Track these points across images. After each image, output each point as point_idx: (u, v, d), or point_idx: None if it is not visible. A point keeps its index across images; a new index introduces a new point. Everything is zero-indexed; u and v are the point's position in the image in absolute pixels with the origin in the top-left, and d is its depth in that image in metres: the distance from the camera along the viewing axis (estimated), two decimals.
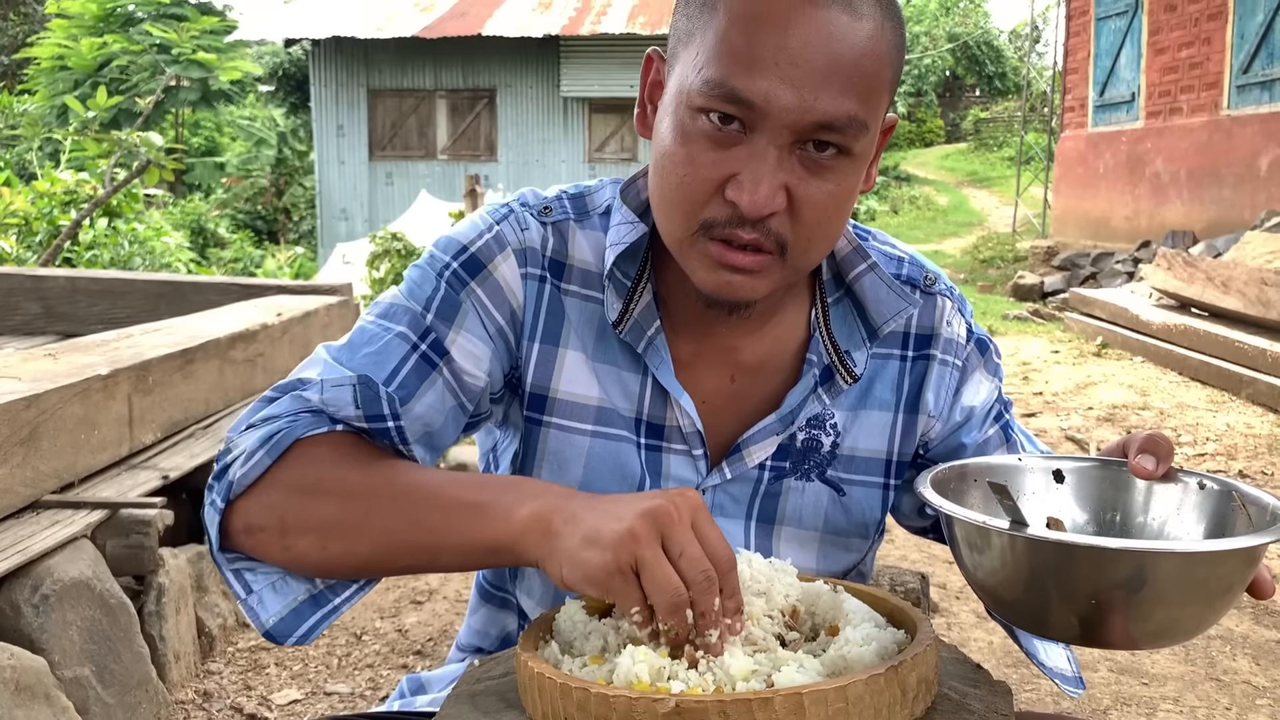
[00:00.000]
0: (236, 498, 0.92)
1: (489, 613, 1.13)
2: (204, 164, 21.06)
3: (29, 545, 2.12)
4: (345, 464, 0.93)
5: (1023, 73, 22.20)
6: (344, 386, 0.96)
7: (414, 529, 0.89)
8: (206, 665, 2.70)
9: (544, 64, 17.83)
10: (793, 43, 0.86)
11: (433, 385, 0.98)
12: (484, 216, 1.04)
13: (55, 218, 7.10)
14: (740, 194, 0.88)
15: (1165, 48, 11.17)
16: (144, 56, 18.14)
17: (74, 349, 2.82)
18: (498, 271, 1.01)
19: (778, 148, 0.88)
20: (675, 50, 0.94)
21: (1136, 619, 0.80)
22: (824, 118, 0.87)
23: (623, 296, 1.00)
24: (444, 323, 0.99)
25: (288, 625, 0.92)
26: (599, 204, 1.05)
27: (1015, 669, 2.71)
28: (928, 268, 1.11)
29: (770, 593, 0.87)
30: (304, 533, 0.91)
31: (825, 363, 1.05)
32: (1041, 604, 0.83)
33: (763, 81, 0.86)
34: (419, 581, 3.30)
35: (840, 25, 0.87)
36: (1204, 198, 10.29)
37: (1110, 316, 8.21)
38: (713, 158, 0.89)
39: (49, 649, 2.06)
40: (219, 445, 2.90)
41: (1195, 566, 0.80)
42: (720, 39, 0.88)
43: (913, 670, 0.76)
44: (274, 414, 0.96)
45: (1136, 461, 0.93)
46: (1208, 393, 6.24)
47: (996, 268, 13.59)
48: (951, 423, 1.11)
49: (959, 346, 1.11)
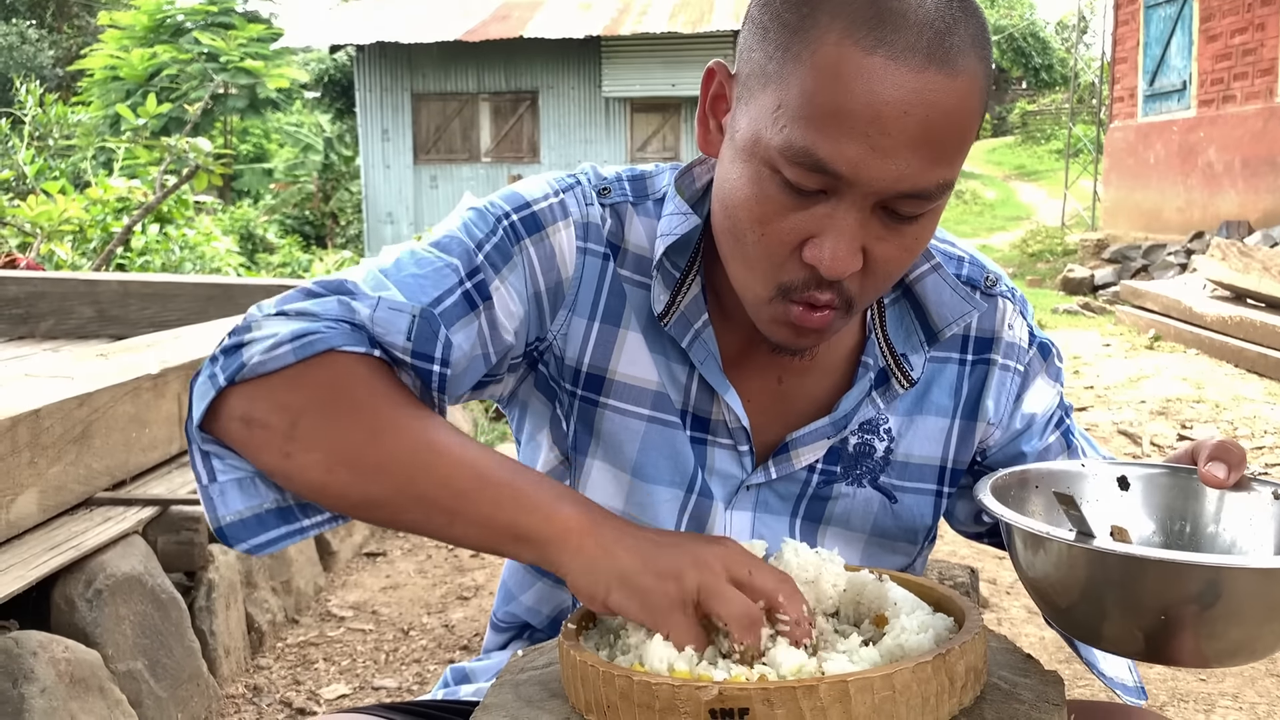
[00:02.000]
0: (244, 382, 0.85)
1: (544, 589, 1.10)
2: (252, 170, 21.37)
3: (82, 541, 2.15)
4: (384, 393, 0.87)
5: (1070, 64, 21.88)
6: (402, 313, 0.90)
7: (439, 486, 0.84)
8: (256, 660, 2.73)
9: (585, 64, 17.88)
10: (886, 110, 0.80)
11: (467, 326, 0.93)
12: (550, 182, 1.01)
13: (108, 224, 7.24)
14: (821, 257, 0.85)
15: (1218, 34, 10.94)
16: (193, 65, 18.46)
17: (125, 349, 2.87)
18: (555, 237, 0.98)
19: (860, 210, 0.84)
20: (749, 82, 0.88)
21: (1208, 636, 0.77)
22: (913, 188, 0.83)
23: (670, 287, 0.98)
24: (492, 267, 0.95)
25: (247, 530, 0.86)
26: (657, 188, 1.03)
27: (1067, 664, 2.67)
28: (989, 268, 1.07)
29: (818, 581, 0.86)
30: (313, 446, 0.84)
31: (880, 365, 1.02)
32: (1106, 617, 0.80)
33: (851, 150, 0.81)
34: (465, 578, 3.32)
35: (937, 89, 0.81)
36: (1259, 186, 10.06)
37: (1163, 309, 8.05)
38: (792, 219, 0.85)
39: (102, 643, 2.09)
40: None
41: (1273, 583, 0.76)
42: (805, 96, 0.82)
43: (961, 659, 0.74)
44: (313, 311, 0.89)
45: (1207, 470, 0.89)
46: (1265, 385, 6.10)
47: (1046, 261, 13.40)
48: (1012, 430, 1.08)
49: (1021, 351, 1.07)
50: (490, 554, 0.90)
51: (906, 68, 0.80)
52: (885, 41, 0.80)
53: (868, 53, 0.80)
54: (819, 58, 0.82)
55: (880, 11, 0.81)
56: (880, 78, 0.80)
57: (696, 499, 1.00)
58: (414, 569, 3.41)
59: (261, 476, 0.87)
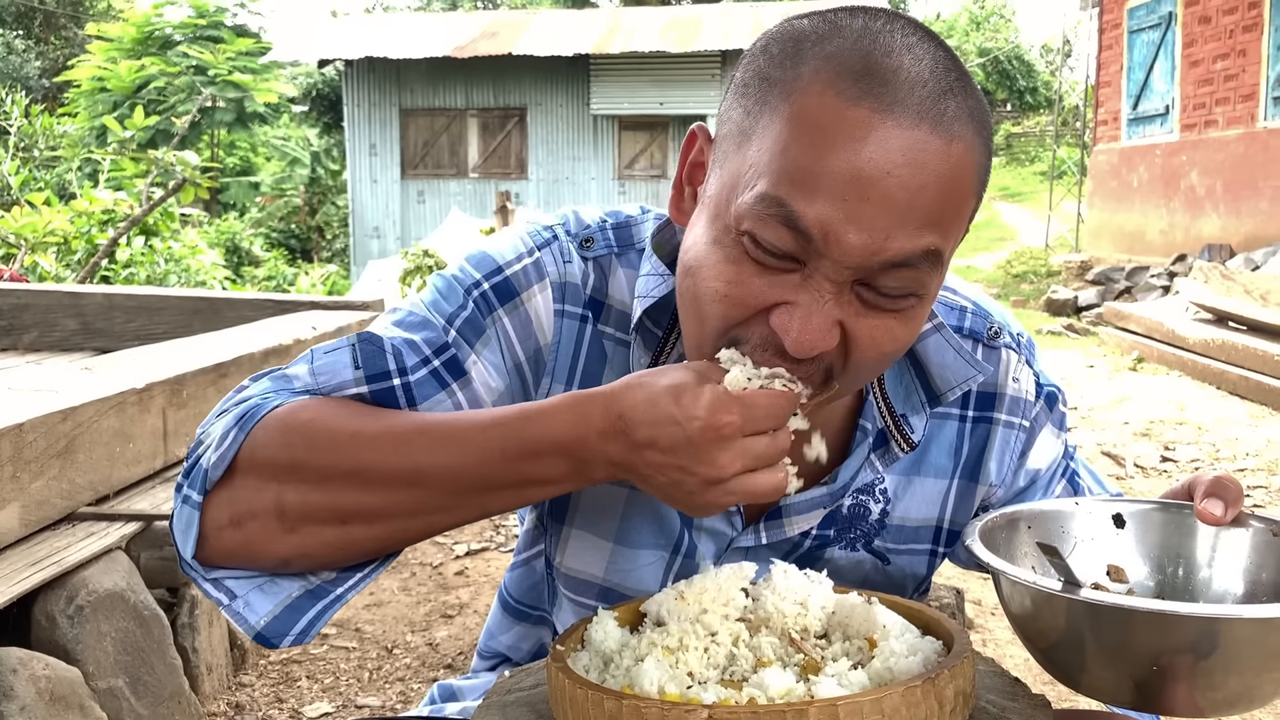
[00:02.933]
0: (214, 487, 0.80)
1: (523, 630, 1.11)
2: (239, 183, 21.34)
3: (64, 556, 2.13)
4: (341, 421, 0.81)
5: (1054, 87, 22.07)
6: (340, 349, 0.86)
7: (463, 457, 0.78)
8: (238, 678, 2.71)
9: (574, 82, 17.94)
10: (868, 168, 0.73)
11: (439, 405, 0.87)
12: (525, 239, 0.94)
13: (93, 236, 7.22)
14: (788, 328, 0.77)
15: (1200, 60, 11.06)
16: (181, 78, 18.45)
17: (110, 363, 2.86)
18: (530, 303, 0.92)
19: (835, 284, 0.77)
20: (724, 144, 0.82)
21: (1204, 687, 0.75)
22: (894, 258, 0.75)
23: (651, 348, 0.93)
24: (466, 343, 0.90)
25: (282, 624, 0.81)
26: (641, 237, 0.96)
27: (1052, 686, 2.67)
28: (992, 318, 1.01)
29: (807, 604, 0.86)
30: (312, 510, 0.80)
31: (879, 427, 0.96)
32: (1096, 666, 0.78)
33: (825, 210, 0.73)
34: (449, 595, 3.31)
35: (928, 151, 0.74)
36: (1240, 210, 10.16)
37: (1146, 330, 8.11)
38: (760, 281, 0.78)
39: (83, 660, 2.07)
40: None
41: (1270, 631, 0.73)
42: (781, 150, 0.75)
43: (950, 682, 0.74)
44: (249, 395, 0.86)
45: (1203, 507, 0.86)
46: (1247, 407, 6.14)
47: (1030, 282, 13.47)
48: (1015, 489, 1.04)
49: (1026, 405, 1.01)
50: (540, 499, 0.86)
51: (894, 123, 0.73)
52: (872, 93, 0.74)
53: (852, 104, 0.74)
54: (798, 108, 0.75)
55: (870, 65, 0.75)
56: (864, 131, 0.73)
57: (682, 560, 0.98)
58: (397, 586, 3.39)
59: (279, 574, 0.83)
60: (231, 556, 0.82)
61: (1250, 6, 10.16)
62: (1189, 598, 0.89)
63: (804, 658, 0.80)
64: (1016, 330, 1.03)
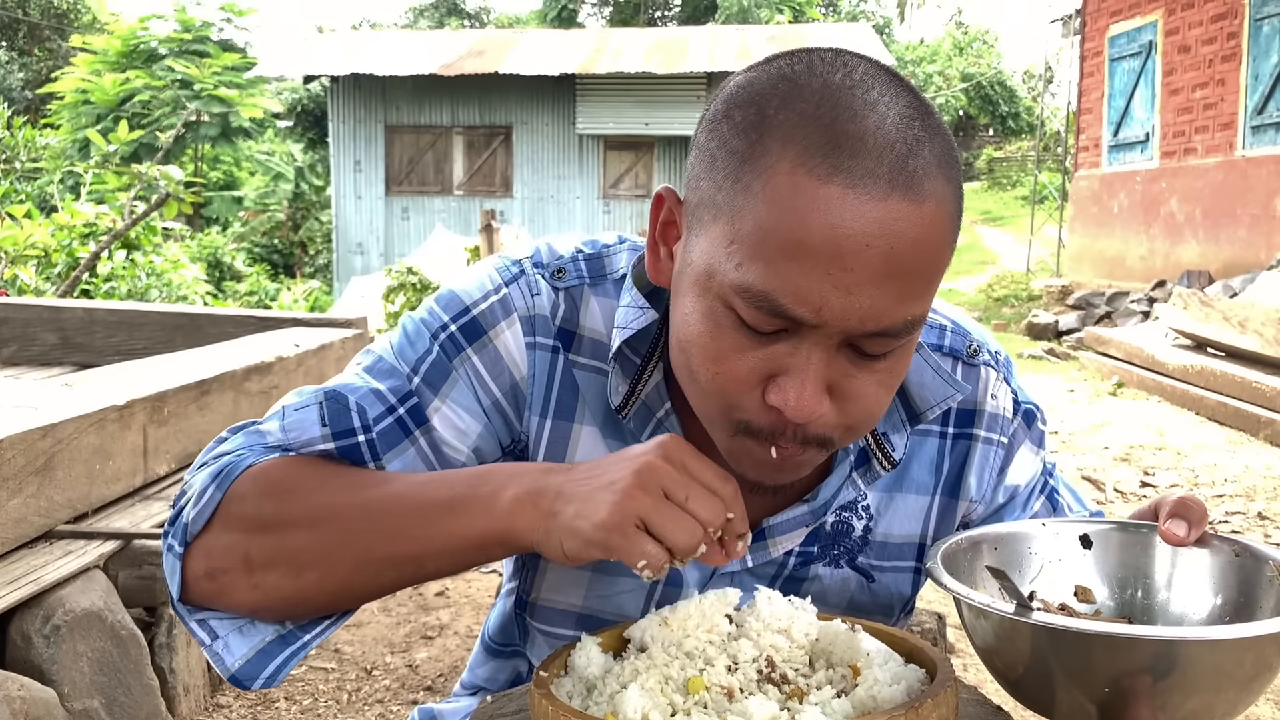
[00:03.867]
0: (193, 540, 0.87)
1: (498, 663, 1.12)
2: (222, 198, 21.27)
3: (41, 575, 2.11)
4: (304, 484, 0.87)
5: (1036, 113, 22.29)
6: (309, 407, 0.91)
7: (392, 541, 0.84)
8: (216, 699, 2.68)
9: (560, 102, 18.00)
10: (847, 244, 0.74)
11: (404, 452, 0.91)
12: (492, 275, 0.96)
13: (74, 250, 7.18)
14: (784, 399, 0.79)
15: (1179, 88, 11.20)
16: (166, 92, 18.41)
17: (90, 379, 2.84)
18: (499, 339, 0.93)
19: (824, 350, 0.79)
20: (698, 212, 0.82)
21: (1161, 708, 0.75)
22: (879, 326, 0.77)
23: (629, 376, 0.93)
24: (430, 389, 0.92)
25: (254, 667, 0.86)
26: (615, 268, 0.97)
27: (1032, 716, 2.67)
28: (971, 336, 1.03)
29: (791, 631, 0.86)
30: (272, 566, 0.85)
31: (860, 446, 0.97)
32: (1055, 689, 0.79)
33: (811, 290, 0.75)
34: (429, 616, 3.29)
35: (901, 217, 0.75)
36: (1219, 238, 10.27)
37: (1126, 356, 8.17)
38: (750, 357, 0.80)
39: (59, 680, 2.05)
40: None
41: (1223, 653, 0.74)
42: (759, 232, 0.76)
43: (934, 711, 0.74)
44: (226, 450, 0.91)
45: (1167, 527, 0.87)
46: (1225, 433, 6.19)
47: (1011, 306, 13.56)
48: (995, 505, 1.05)
49: (1005, 422, 1.03)
50: (478, 565, 0.90)
51: (867, 196, 0.74)
52: (842, 169, 0.74)
53: (823, 182, 0.74)
54: (771, 189, 0.76)
55: (835, 136, 0.75)
56: (838, 209, 0.74)
57: (664, 587, 0.98)
58: (377, 606, 3.36)
59: (258, 616, 0.88)
60: (208, 604, 0.88)
61: (1229, 37, 10.30)
62: (1150, 618, 0.90)
63: (791, 686, 0.80)
64: (995, 349, 1.05)
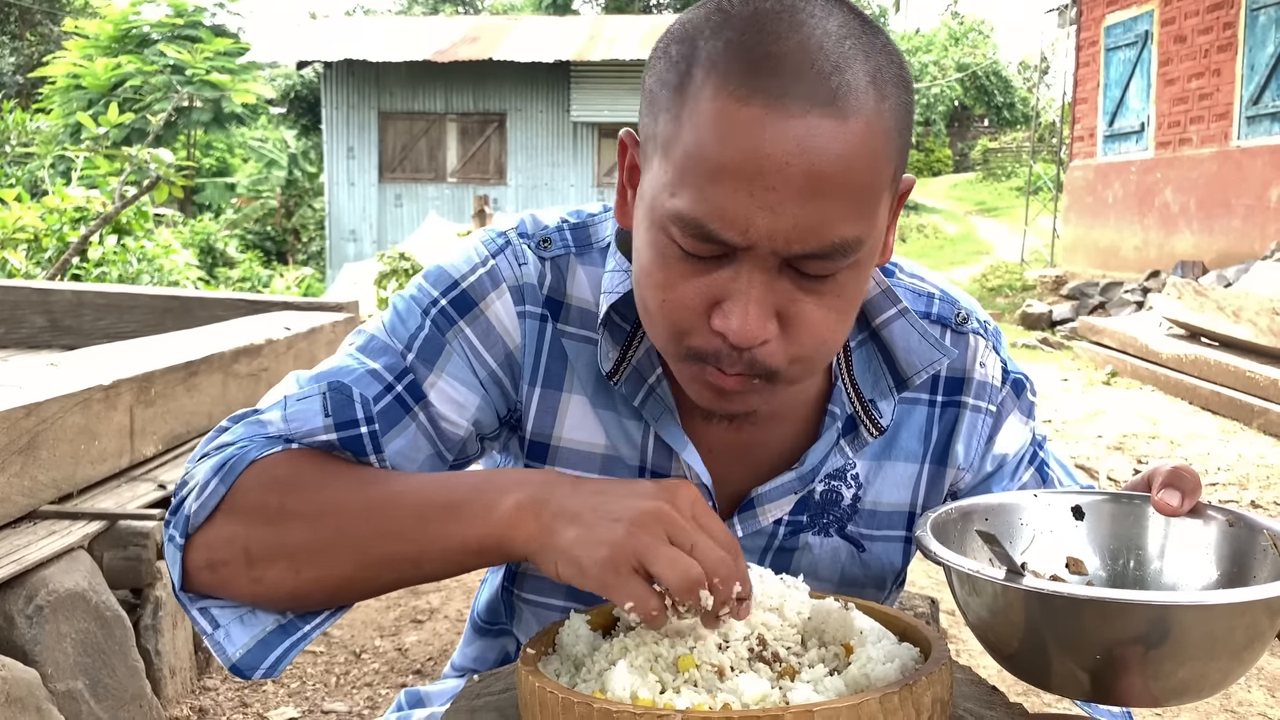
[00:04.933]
0: (195, 532, 0.86)
1: (486, 642, 1.11)
2: (214, 184, 21.18)
3: (25, 555, 2.09)
4: (307, 480, 0.87)
5: (1031, 103, 22.29)
6: (311, 398, 0.90)
7: (390, 541, 0.83)
8: (202, 681, 2.67)
9: (554, 89, 17.94)
10: (766, 163, 0.74)
11: (404, 430, 0.92)
12: (478, 248, 0.96)
13: (65, 234, 7.13)
14: (728, 324, 0.79)
15: (1175, 78, 11.19)
16: (158, 77, 18.29)
17: (76, 359, 2.81)
18: (490, 310, 0.94)
19: (765, 271, 0.78)
20: (645, 149, 0.85)
21: (1154, 676, 0.74)
22: (808, 248, 0.77)
23: (619, 344, 0.94)
24: (425, 365, 0.92)
25: (254, 657, 0.86)
26: (601, 236, 0.98)
27: (1026, 696, 2.67)
28: (960, 304, 1.03)
29: (783, 609, 0.85)
30: (272, 561, 0.85)
31: (848, 413, 0.97)
32: (1045, 657, 0.77)
33: (736, 212, 0.75)
34: (419, 600, 3.27)
35: (822, 134, 0.74)
36: (1213, 228, 10.27)
37: (1120, 345, 8.17)
38: (694, 284, 0.80)
39: (42, 661, 2.03)
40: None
41: (1215, 619, 0.73)
42: (687, 159, 0.77)
43: (928, 689, 0.73)
44: (229, 441, 0.90)
45: (1160, 498, 0.86)
46: (1219, 422, 6.20)
47: (1005, 296, 13.57)
48: (982, 473, 1.04)
49: (993, 390, 1.02)
50: (474, 570, 0.88)
51: (785, 114, 0.74)
52: (760, 89, 0.75)
53: (743, 103, 0.75)
54: (696, 116, 0.77)
55: (755, 59, 0.75)
56: (758, 129, 0.74)
57: None
58: None
59: (259, 606, 0.88)
60: (211, 594, 0.88)
61: (1225, 27, 10.29)
62: (1143, 588, 0.88)
63: (782, 664, 0.79)
64: (983, 318, 1.04)
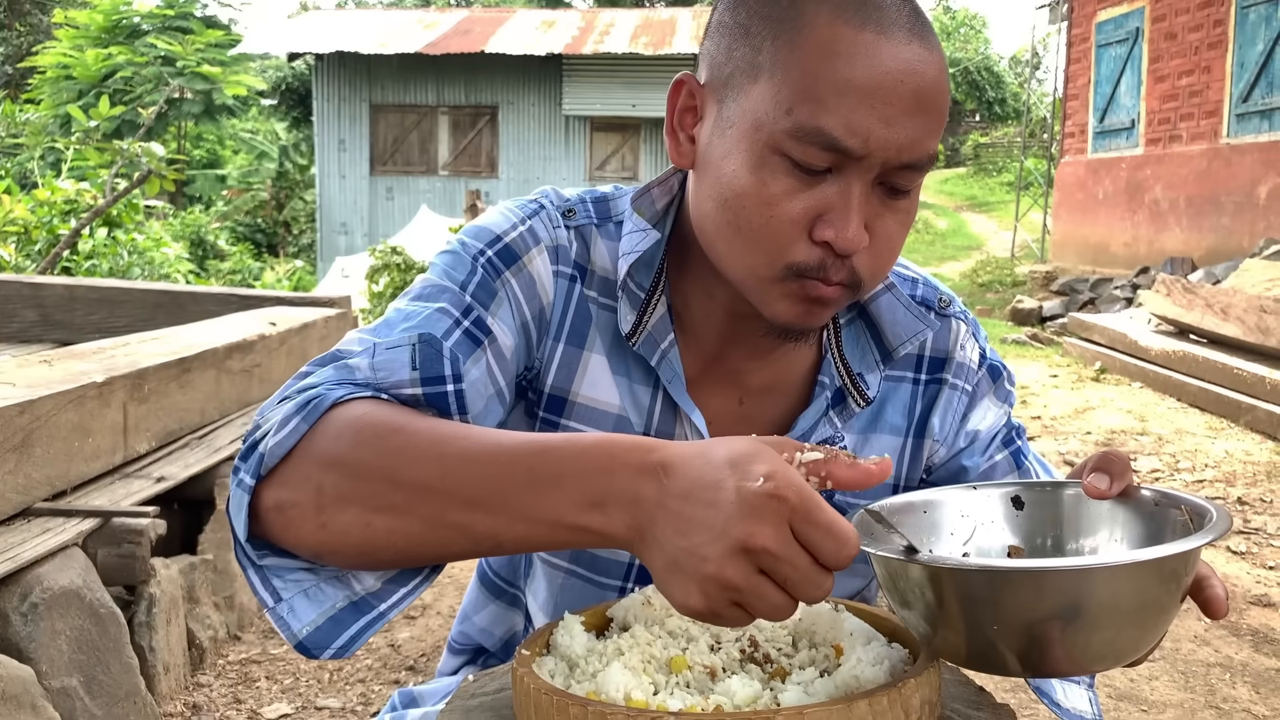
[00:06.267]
0: (269, 473, 0.81)
1: (497, 611, 1.11)
2: (205, 176, 21.10)
3: (19, 553, 2.09)
4: (392, 428, 0.81)
5: (1023, 99, 22.31)
6: (401, 348, 0.89)
7: (466, 508, 0.77)
8: (196, 677, 2.67)
9: (546, 82, 17.91)
10: (886, 81, 0.85)
11: (478, 363, 0.92)
12: (514, 210, 1.01)
13: (55, 227, 7.10)
14: (834, 234, 0.87)
15: (1165, 75, 11.22)
16: (148, 68, 18.19)
17: (70, 356, 2.81)
18: (532, 265, 0.98)
19: (864, 184, 0.87)
20: (733, 80, 0.90)
21: (1062, 643, 0.74)
22: (912, 157, 0.87)
23: (637, 308, 0.98)
24: (481, 305, 0.94)
25: (325, 635, 0.81)
26: (618, 211, 1.03)
27: (1013, 693, 2.69)
28: (942, 290, 1.09)
29: None
30: (344, 506, 0.79)
31: (837, 385, 1.03)
32: (949, 630, 0.76)
33: (860, 123, 0.84)
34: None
35: (923, 59, 0.86)
36: (1203, 225, 10.31)
37: (1109, 342, 8.21)
38: (800, 199, 0.87)
39: (37, 658, 2.04)
40: (215, 455, 2.89)
41: (1102, 583, 0.72)
42: (808, 77, 0.85)
43: (916, 691, 0.74)
44: (312, 383, 0.86)
45: (1089, 481, 0.87)
46: (1206, 419, 6.23)
47: (995, 292, 13.60)
48: (955, 448, 1.08)
49: (970, 372, 1.08)
50: (561, 548, 0.81)
51: (895, 41, 0.85)
52: (872, 19, 0.85)
53: (858, 30, 0.85)
54: (815, 40, 0.86)
55: None
56: (875, 51, 0.85)
57: None
58: None
59: (325, 580, 0.82)
60: (275, 539, 0.82)
61: (1215, 24, 10.32)
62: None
63: (773, 665, 0.80)
64: (963, 309, 1.10)
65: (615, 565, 1.01)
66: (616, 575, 1.01)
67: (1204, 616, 0.81)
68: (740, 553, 0.67)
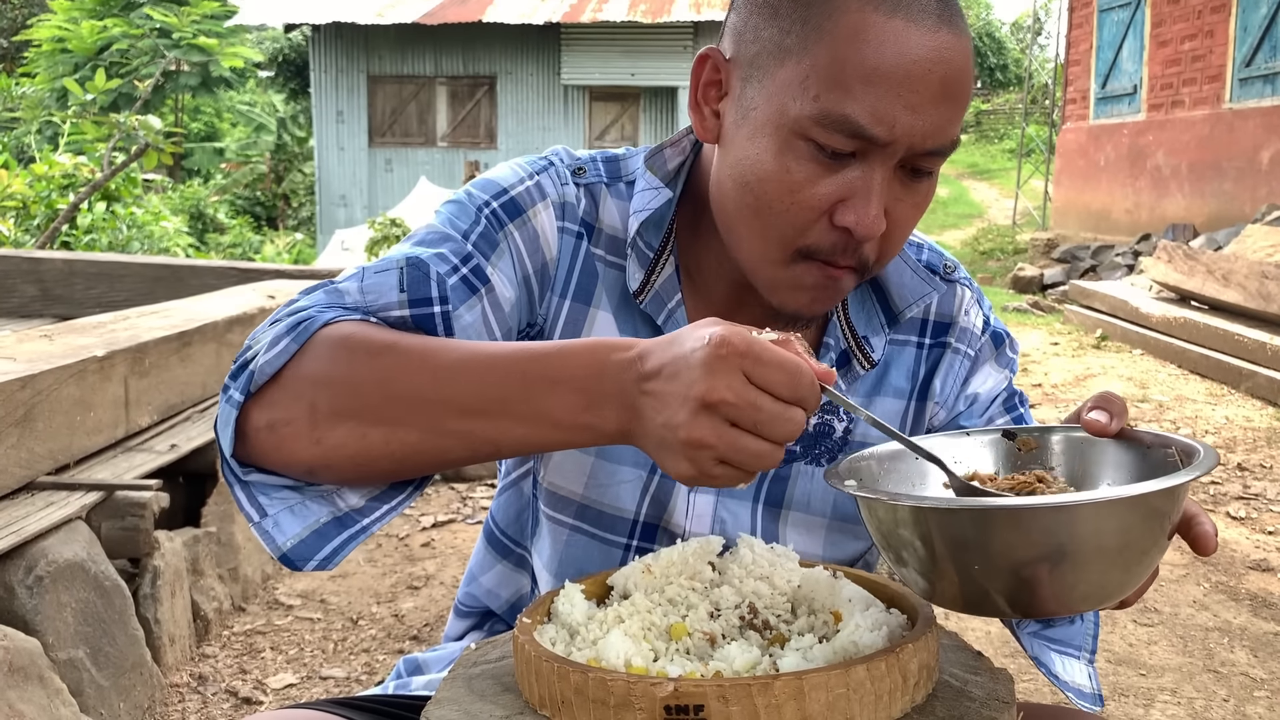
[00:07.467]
0: (258, 390, 0.83)
1: (504, 571, 1.11)
2: (203, 149, 21.01)
3: (23, 526, 2.11)
4: (382, 344, 0.84)
5: (1024, 65, 22.17)
6: (389, 270, 0.90)
7: (462, 413, 0.80)
8: (201, 649, 2.69)
9: (545, 52, 17.78)
10: (914, 69, 0.85)
11: (473, 309, 0.92)
12: (523, 165, 1.02)
13: (53, 201, 7.08)
14: (855, 219, 0.87)
15: (1168, 40, 11.14)
16: (144, 40, 18.07)
17: (70, 330, 2.81)
18: (536, 219, 0.98)
19: (886, 169, 0.88)
20: (759, 60, 0.90)
21: (1048, 581, 0.73)
22: (936, 144, 0.88)
23: (645, 266, 0.99)
24: (482, 255, 0.95)
25: (308, 548, 0.83)
26: (630, 170, 1.04)
27: (1013, 659, 2.71)
28: (947, 256, 1.10)
29: (773, 577, 0.87)
30: (339, 420, 0.81)
31: (842, 347, 1.03)
32: (935, 573, 0.76)
33: (886, 110, 0.85)
34: (415, 567, 3.30)
35: (951, 47, 0.86)
36: (1205, 191, 10.27)
37: (1110, 309, 8.20)
38: (823, 184, 0.88)
39: (43, 631, 2.05)
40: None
41: (1083, 521, 0.72)
42: (835, 63, 0.85)
43: (914, 656, 0.75)
44: (303, 305, 0.89)
45: (1090, 417, 0.88)
46: (1207, 386, 6.23)
47: (996, 260, 13.57)
48: (955, 411, 1.09)
49: (974, 336, 1.09)
50: (553, 450, 0.87)
51: (924, 28, 0.85)
52: (902, 6, 0.85)
53: (888, 17, 0.85)
54: (844, 26, 0.85)
55: None
56: (904, 39, 0.85)
57: (659, 480, 1.01)
58: (363, 557, 3.38)
59: (310, 497, 0.85)
60: (265, 458, 0.84)
61: None
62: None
63: (772, 632, 0.81)
64: (967, 276, 1.11)
65: (620, 522, 1.02)
66: (622, 532, 1.02)
67: (1197, 556, 0.80)
68: (703, 410, 0.71)
